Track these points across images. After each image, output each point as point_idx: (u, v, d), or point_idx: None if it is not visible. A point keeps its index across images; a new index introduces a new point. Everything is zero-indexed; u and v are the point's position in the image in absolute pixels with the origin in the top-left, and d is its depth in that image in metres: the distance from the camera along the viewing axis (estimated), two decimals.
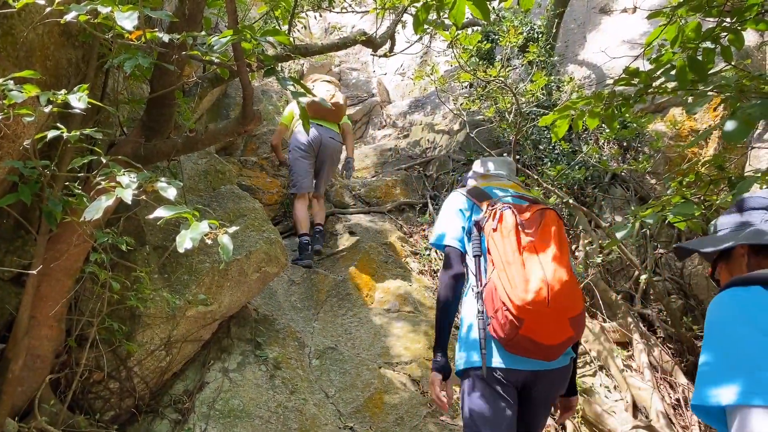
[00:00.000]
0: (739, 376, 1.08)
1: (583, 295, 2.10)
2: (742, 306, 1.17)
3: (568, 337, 2.07)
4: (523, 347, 2.08)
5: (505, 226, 2.17)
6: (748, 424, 1.03)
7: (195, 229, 1.51)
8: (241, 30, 1.86)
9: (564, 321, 2.05)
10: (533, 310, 1.99)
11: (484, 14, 3.19)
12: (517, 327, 2.01)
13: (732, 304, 1.20)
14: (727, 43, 2.94)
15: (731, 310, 1.19)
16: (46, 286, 2.66)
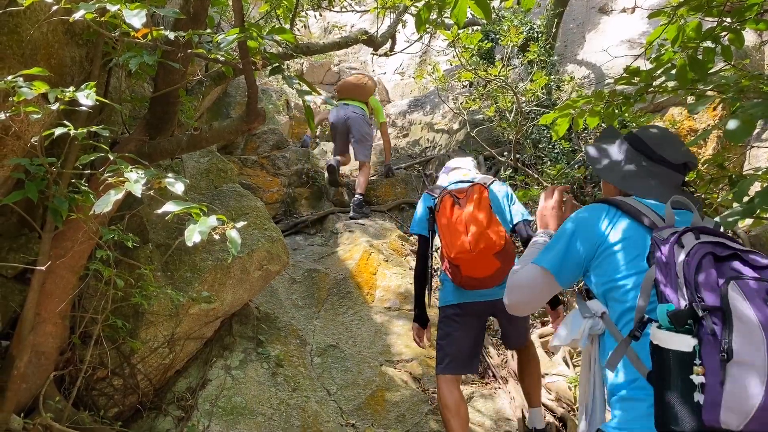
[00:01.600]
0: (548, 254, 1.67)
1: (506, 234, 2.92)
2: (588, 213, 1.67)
3: (497, 268, 2.85)
4: (469, 284, 2.96)
5: (443, 206, 3.03)
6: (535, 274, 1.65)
7: (203, 224, 1.53)
8: (248, 28, 1.87)
9: (490, 257, 2.83)
10: (463, 257, 2.83)
11: (485, 14, 3.21)
12: (459, 271, 2.88)
13: (585, 209, 1.70)
14: (728, 43, 2.96)
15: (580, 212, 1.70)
16: (50, 283, 2.67)
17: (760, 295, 1.23)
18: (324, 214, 6.08)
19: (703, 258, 1.31)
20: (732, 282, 1.25)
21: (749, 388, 1.17)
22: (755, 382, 1.17)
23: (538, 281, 1.66)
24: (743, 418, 1.17)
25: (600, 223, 1.62)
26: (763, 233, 5.35)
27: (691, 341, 1.25)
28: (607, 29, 8.09)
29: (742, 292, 1.23)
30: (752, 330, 1.19)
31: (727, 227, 2.04)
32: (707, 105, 2.02)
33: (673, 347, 1.28)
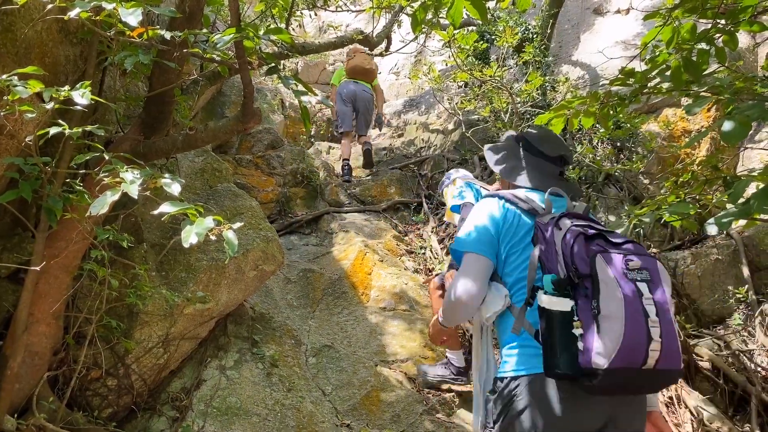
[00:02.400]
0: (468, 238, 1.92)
1: None
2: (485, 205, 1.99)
3: None
4: None
5: None
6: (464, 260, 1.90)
7: (200, 225, 1.52)
8: (244, 28, 1.87)
9: None
10: None
11: (481, 14, 3.21)
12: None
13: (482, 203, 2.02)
14: (722, 45, 2.98)
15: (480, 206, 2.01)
16: (44, 283, 2.66)
17: (619, 263, 1.60)
18: (319, 213, 6.07)
19: (576, 237, 1.67)
20: (598, 254, 1.62)
21: (612, 335, 1.53)
22: (617, 330, 1.52)
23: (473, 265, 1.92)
24: (608, 359, 1.51)
25: (494, 212, 1.96)
26: (755, 234, 5.38)
27: (569, 302, 1.62)
28: (601, 30, 8.12)
29: (605, 262, 1.60)
30: (613, 290, 1.56)
31: (722, 228, 2.05)
32: (704, 106, 2.02)
33: (556, 308, 1.64)
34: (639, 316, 1.55)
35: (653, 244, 5.59)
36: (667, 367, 1.58)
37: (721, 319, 5.13)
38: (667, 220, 2.65)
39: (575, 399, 1.66)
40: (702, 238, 5.67)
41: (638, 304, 1.56)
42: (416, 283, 5.04)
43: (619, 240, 1.70)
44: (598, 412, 1.69)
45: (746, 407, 4.37)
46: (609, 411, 1.69)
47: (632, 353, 1.52)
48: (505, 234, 1.91)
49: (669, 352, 1.56)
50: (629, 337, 1.52)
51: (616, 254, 1.62)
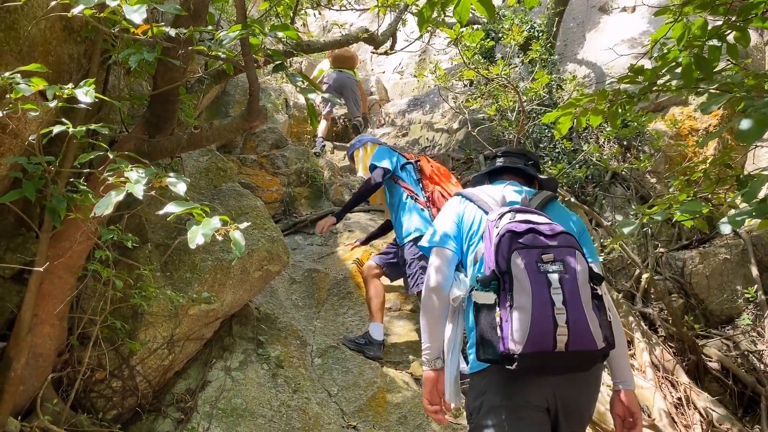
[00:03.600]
0: (434, 234, 2.15)
1: None
2: (450, 202, 2.26)
3: None
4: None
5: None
6: (431, 256, 2.11)
7: (207, 225, 1.49)
8: (250, 25, 1.84)
9: None
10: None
11: (488, 11, 3.17)
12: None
13: (449, 200, 2.29)
14: (733, 41, 2.93)
15: (447, 203, 2.28)
16: (48, 283, 2.63)
17: (533, 259, 1.78)
18: (323, 213, 6.03)
19: (503, 235, 1.85)
20: (515, 252, 1.80)
21: (523, 324, 1.73)
22: (525, 320, 1.73)
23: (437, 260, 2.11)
24: (520, 345, 1.72)
25: (456, 208, 2.19)
26: (765, 233, 5.33)
27: (492, 296, 1.83)
28: (607, 28, 8.08)
29: (520, 258, 1.78)
30: (524, 285, 1.76)
31: (736, 227, 2.01)
32: (720, 104, 1.98)
33: (482, 301, 1.85)
34: (545, 306, 1.74)
35: (661, 244, 5.55)
36: (580, 349, 1.76)
37: (730, 319, 5.09)
38: (678, 219, 2.61)
39: (524, 380, 1.89)
40: (710, 237, 5.62)
41: (545, 294, 1.75)
42: None
43: (549, 232, 1.87)
44: (545, 390, 1.90)
45: (756, 408, 4.33)
46: (554, 389, 1.90)
47: (541, 339, 1.73)
48: (465, 228, 2.13)
49: (578, 335, 1.73)
50: (536, 325, 1.73)
51: (532, 250, 1.81)
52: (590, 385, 2.02)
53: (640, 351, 4.50)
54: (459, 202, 2.21)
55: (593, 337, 1.77)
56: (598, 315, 1.82)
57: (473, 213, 2.12)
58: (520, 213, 1.95)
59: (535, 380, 1.89)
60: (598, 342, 1.78)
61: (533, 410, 1.91)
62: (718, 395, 4.35)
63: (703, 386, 4.44)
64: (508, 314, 1.77)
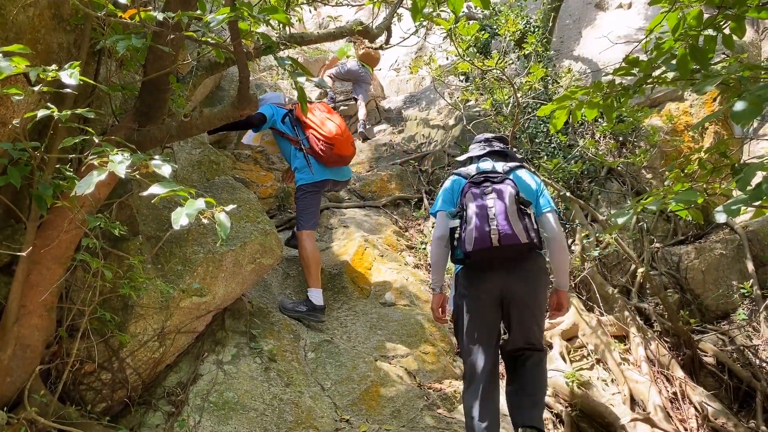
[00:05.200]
0: (437, 203, 3.14)
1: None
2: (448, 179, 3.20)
3: (353, 151, 4.45)
4: (334, 160, 4.31)
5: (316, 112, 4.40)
6: (437, 220, 3.09)
7: (191, 206, 1.45)
8: (239, 7, 1.81)
9: (350, 143, 4.37)
10: (339, 140, 4.23)
11: (483, 3, 3.15)
12: (332, 149, 4.18)
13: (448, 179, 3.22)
14: (729, 32, 2.91)
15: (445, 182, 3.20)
16: (36, 274, 2.60)
17: (477, 192, 2.90)
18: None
19: (464, 186, 3.00)
20: (467, 193, 2.93)
21: (470, 234, 2.79)
22: (471, 230, 2.79)
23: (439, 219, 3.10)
24: (470, 245, 2.78)
25: (449, 184, 3.17)
26: (760, 229, 5.32)
27: (457, 221, 2.92)
28: (603, 25, 8.05)
29: (470, 194, 2.92)
30: (471, 209, 2.85)
31: (731, 215, 1.99)
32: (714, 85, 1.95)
33: (452, 225, 2.94)
34: (483, 219, 2.80)
35: (656, 239, 5.53)
36: (509, 243, 2.77)
37: (726, 315, 5.07)
38: (672, 209, 2.58)
39: (481, 274, 2.94)
40: (705, 232, 5.61)
41: (484, 212, 2.82)
42: (417, 279, 4.98)
43: (497, 177, 2.97)
44: (495, 281, 2.90)
45: (751, 403, 4.31)
46: (503, 279, 2.90)
47: (482, 239, 2.77)
48: (455, 194, 3.10)
49: (505, 234, 2.75)
50: (477, 231, 2.78)
51: (478, 188, 2.93)
52: (529, 278, 2.93)
53: (635, 346, 4.48)
54: (452, 180, 3.19)
55: (516, 234, 2.76)
56: (522, 222, 2.80)
57: (459, 182, 3.12)
58: (482, 174, 3.02)
59: (488, 275, 2.90)
60: (521, 238, 2.77)
61: (488, 296, 2.92)
62: (713, 390, 4.33)
63: (698, 381, 4.42)
64: (464, 230, 2.84)
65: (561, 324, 4.67)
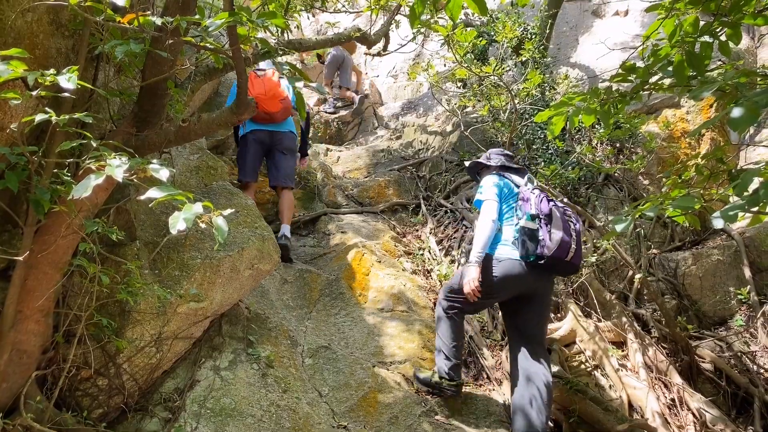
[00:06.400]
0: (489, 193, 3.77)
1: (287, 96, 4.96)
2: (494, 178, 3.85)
3: (280, 107, 4.90)
4: (261, 118, 4.89)
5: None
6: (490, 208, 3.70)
7: (188, 210, 1.45)
8: (237, 12, 1.81)
9: (277, 101, 4.85)
10: (261, 98, 4.69)
11: (481, 8, 3.16)
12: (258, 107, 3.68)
13: (492, 177, 3.85)
14: (725, 39, 2.93)
15: (491, 179, 3.83)
16: (32, 279, 2.59)
17: (560, 211, 3.53)
18: (316, 214, 6.02)
19: (543, 198, 3.58)
20: (552, 206, 3.53)
21: (557, 243, 3.40)
22: (559, 241, 3.40)
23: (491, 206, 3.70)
24: (551, 251, 3.39)
25: (500, 182, 3.80)
26: (756, 235, 5.33)
27: (533, 223, 3.48)
28: (599, 32, 8.10)
29: (557, 211, 3.52)
30: (559, 224, 3.46)
31: (729, 221, 2.00)
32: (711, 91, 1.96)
33: (529, 227, 3.48)
34: (569, 236, 3.47)
35: (653, 245, 5.53)
36: (576, 262, 3.51)
37: (723, 321, 5.08)
38: (670, 215, 2.59)
39: (524, 270, 3.53)
40: (702, 239, 5.62)
41: (568, 229, 3.50)
42: (414, 284, 4.98)
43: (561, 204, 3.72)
44: (531, 280, 3.56)
45: (749, 409, 4.31)
46: (535, 279, 3.57)
47: (563, 251, 3.43)
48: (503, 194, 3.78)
49: (576, 255, 3.49)
50: (563, 244, 3.43)
51: (560, 208, 3.61)
52: (550, 287, 3.83)
53: (633, 352, 4.48)
54: (502, 180, 3.81)
55: (581, 257, 3.58)
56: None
57: (508, 185, 3.79)
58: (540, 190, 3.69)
59: (529, 274, 3.53)
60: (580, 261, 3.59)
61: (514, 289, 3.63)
62: (711, 396, 4.32)
63: (696, 387, 4.41)
64: (547, 236, 3.43)
65: (559, 330, 4.67)
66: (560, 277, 5.04)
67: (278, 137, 5.05)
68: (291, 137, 5.12)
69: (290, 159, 5.16)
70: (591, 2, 8.78)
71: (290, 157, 5.16)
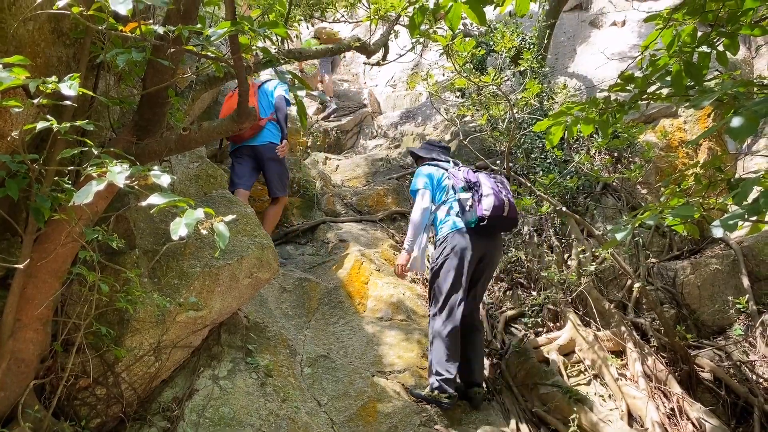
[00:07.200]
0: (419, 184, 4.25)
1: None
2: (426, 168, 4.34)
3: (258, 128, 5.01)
4: (236, 137, 5.00)
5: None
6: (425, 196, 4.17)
7: (190, 216, 1.45)
8: (239, 22, 1.82)
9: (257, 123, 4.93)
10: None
11: (480, 18, 3.18)
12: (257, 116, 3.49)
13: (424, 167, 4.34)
14: (723, 49, 2.95)
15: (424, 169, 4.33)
16: (32, 287, 2.58)
17: (488, 177, 4.04)
18: (315, 223, 6.01)
19: (468, 170, 4.14)
20: (478, 174, 4.07)
21: (492, 202, 3.84)
22: (493, 199, 3.85)
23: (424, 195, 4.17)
24: (489, 211, 3.80)
25: (431, 170, 4.24)
26: (755, 244, 5.34)
27: (467, 194, 3.97)
28: (597, 42, 8.14)
29: (485, 177, 4.03)
30: (488, 187, 3.93)
31: (728, 230, 2.00)
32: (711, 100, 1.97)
33: (463, 197, 3.96)
34: (499, 194, 3.88)
35: (652, 254, 5.54)
36: (513, 215, 3.93)
37: (722, 330, 5.07)
38: (669, 224, 2.60)
39: (470, 236, 3.90)
40: (701, 248, 5.63)
41: (498, 188, 3.95)
42: (413, 293, 4.97)
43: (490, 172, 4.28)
44: (481, 244, 3.94)
45: (749, 419, 4.29)
46: (486, 244, 3.98)
47: (499, 207, 3.85)
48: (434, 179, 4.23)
49: (512, 207, 3.92)
50: (497, 200, 3.85)
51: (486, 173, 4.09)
52: (500, 247, 4.34)
53: (632, 361, 4.47)
54: (431, 168, 4.26)
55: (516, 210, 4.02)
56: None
57: (438, 170, 4.25)
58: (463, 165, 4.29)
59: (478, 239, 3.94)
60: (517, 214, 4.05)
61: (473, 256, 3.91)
62: (711, 406, 4.31)
63: (695, 397, 4.40)
64: (478, 200, 3.88)
65: (558, 339, 4.66)
66: (559, 288, 5.04)
67: (258, 151, 5.08)
68: (271, 147, 5.11)
69: (275, 168, 5.19)
70: (588, 13, 8.84)
71: (275, 166, 5.18)
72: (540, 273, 5.33)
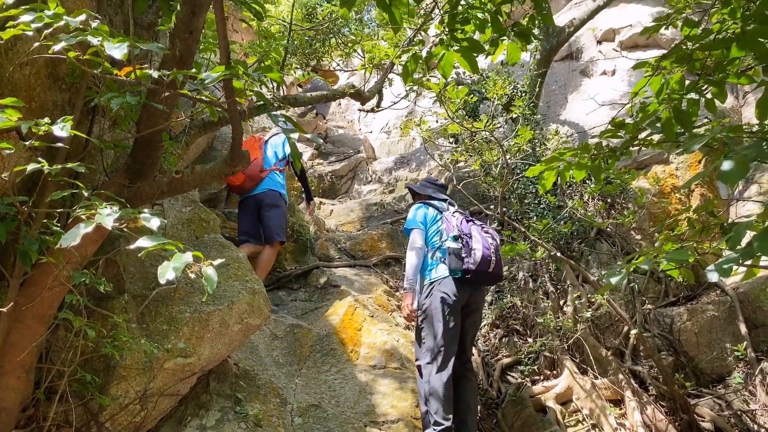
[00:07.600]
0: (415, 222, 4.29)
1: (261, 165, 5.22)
2: (419, 208, 4.38)
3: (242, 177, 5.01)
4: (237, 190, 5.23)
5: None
6: (416, 235, 4.21)
7: (178, 259, 1.42)
8: (233, 66, 1.84)
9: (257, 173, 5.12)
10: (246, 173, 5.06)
11: (472, 66, 3.24)
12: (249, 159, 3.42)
13: (418, 207, 4.40)
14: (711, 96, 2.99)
15: (417, 208, 4.38)
16: (16, 332, 2.51)
17: (479, 229, 4.09)
18: (308, 268, 5.97)
19: (462, 219, 4.14)
20: (471, 224, 4.11)
21: (478, 257, 3.90)
22: (479, 255, 3.91)
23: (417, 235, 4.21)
24: (475, 265, 3.88)
25: (425, 210, 4.29)
26: (750, 290, 5.32)
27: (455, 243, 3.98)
28: (588, 90, 8.30)
29: (476, 228, 4.08)
30: (478, 241, 3.98)
31: (723, 274, 1.98)
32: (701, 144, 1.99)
33: (453, 247, 3.98)
34: (488, 250, 3.92)
35: (648, 300, 5.50)
36: (497, 272, 4.00)
37: (721, 378, 4.99)
38: (664, 269, 2.58)
39: (457, 285, 3.92)
40: (696, 294, 5.60)
41: (487, 243, 3.97)
42: (408, 340, 4.89)
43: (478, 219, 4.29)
44: (466, 293, 3.96)
45: None
46: (470, 294, 4.00)
47: (485, 263, 3.90)
48: (427, 220, 4.27)
49: (497, 265, 3.99)
50: (483, 257, 3.90)
51: (477, 225, 4.13)
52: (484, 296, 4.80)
53: (631, 410, 4.38)
54: (426, 208, 4.33)
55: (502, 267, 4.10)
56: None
57: (431, 212, 4.30)
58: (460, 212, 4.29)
59: (464, 288, 3.95)
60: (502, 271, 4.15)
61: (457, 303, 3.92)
62: None
63: None
64: (468, 252, 3.91)
65: (555, 387, 4.57)
66: (555, 334, 4.98)
67: (260, 198, 5.14)
68: (271, 194, 5.16)
69: (273, 213, 5.18)
70: (579, 62, 9.04)
71: (273, 212, 5.18)
72: (536, 319, 5.27)
